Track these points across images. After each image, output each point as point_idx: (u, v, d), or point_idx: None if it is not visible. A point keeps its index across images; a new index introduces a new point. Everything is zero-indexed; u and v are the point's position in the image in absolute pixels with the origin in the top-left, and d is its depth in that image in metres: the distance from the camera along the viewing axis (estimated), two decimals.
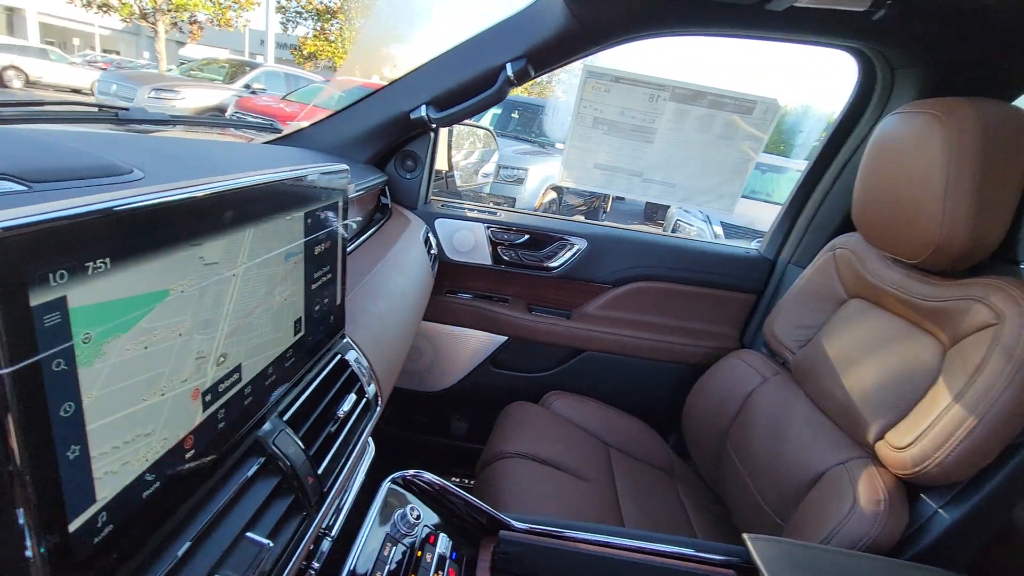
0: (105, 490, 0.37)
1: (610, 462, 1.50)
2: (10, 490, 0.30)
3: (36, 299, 0.29)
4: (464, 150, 2.23)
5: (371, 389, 0.84)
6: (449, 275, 1.80)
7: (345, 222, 0.75)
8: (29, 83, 12.17)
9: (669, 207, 6.85)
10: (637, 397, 1.86)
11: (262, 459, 0.57)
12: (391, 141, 1.60)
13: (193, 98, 8.74)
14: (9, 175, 0.56)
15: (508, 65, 1.34)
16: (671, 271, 1.76)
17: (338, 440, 0.71)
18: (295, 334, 0.65)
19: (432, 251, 1.64)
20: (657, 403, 1.87)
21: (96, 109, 1.17)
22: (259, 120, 1.83)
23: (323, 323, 0.73)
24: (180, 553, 0.44)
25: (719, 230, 5.61)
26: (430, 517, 0.94)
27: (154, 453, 0.41)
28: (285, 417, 0.63)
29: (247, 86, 10.34)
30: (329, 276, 0.73)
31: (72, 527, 0.34)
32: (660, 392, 1.86)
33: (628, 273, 1.77)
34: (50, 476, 0.32)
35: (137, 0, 12.36)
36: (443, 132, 1.79)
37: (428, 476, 0.93)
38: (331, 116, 1.60)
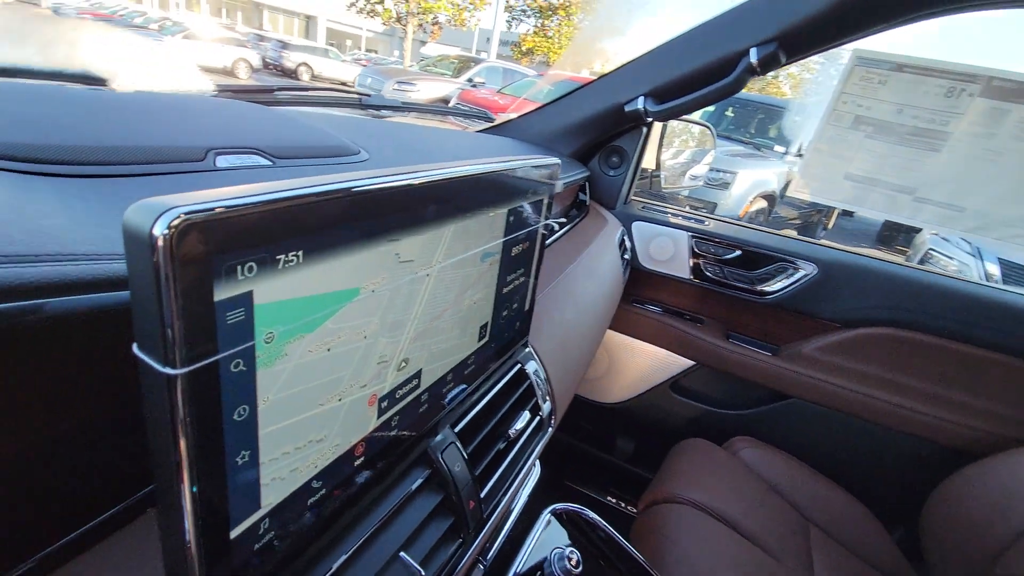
0: (271, 496, 0.34)
1: (808, 542, 1.21)
2: (176, 491, 0.27)
3: (221, 294, 0.26)
4: (674, 148, 2.03)
5: (546, 406, 0.76)
6: (639, 284, 1.65)
7: (547, 221, 0.68)
8: (313, 77, 15.22)
9: (920, 230, 5.52)
10: (854, 467, 1.48)
11: (428, 471, 0.52)
12: (599, 135, 1.51)
13: (426, 90, 9.94)
14: (259, 150, 0.59)
15: (753, 51, 1.12)
16: (936, 320, 1.34)
17: (506, 461, 0.64)
18: (479, 340, 0.59)
19: (626, 256, 1.52)
20: (884, 482, 1.47)
21: (344, 95, 1.31)
22: (475, 110, 1.90)
23: (508, 330, 0.67)
24: (335, 566, 0.41)
25: (994, 269, 4.32)
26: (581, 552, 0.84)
27: (324, 459, 0.38)
28: (457, 428, 0.58)
29: (470, 80, 11.37)
30: (522, 279, 0.66)
31: (234, 533, 0.31)
32: (891, 469, 1.46)
33: (869, 313, 1.40)
34: (216, 481, 0.29)
35: (395, 5, 14.53)
36: (655, 128, 1.63)
37: (591, 516, 0.82)
38: (541, 107, 1.57)
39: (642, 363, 1.71)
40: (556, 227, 0.70)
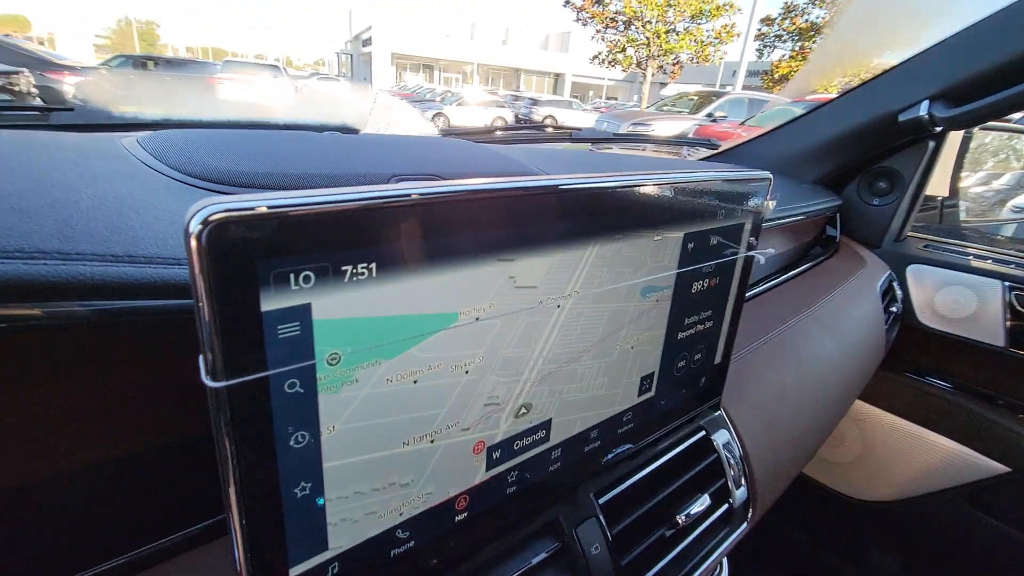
0: (341, 539, 0.30)
1: None
2: (229, 515, 0.25)
3: (270, 304, 0.23)
4: (984, 169, 1.50)
5: (740, 493, 0.58)
6: (915, 347, 1.23)
7: (751, 253, 0.53)
8: (556, 127, 16.64)
9: None
10: None
11: (555, 545, 0.43)
12: (859, 155, 1.21)
13: (661, 128, 9.84)
14: (437, 175, 0.61)
15: None
16: None
17: (671, 555, 0.50)
18: (640, 394, 0.48)
19: (893, 308, 1.15)
20: None
21: (557, 131, 1.34)
22: (699, 139, 1.74)
23: (687, 386, 0.53)
24: None
25: None
26: None
27: (411, 508, 0.33)
28: (602, 499, 0.47)
29: (709, 115, 10.86)
30: (708, 325, 0.52)
31: (294, 572, 0.29)
32: None
33: None
34: (270, 510, 0.26)
35: (635, 51, 14.95)
36: (951, 141, 1.22)
37: None
38: (776, 128, 1.34)
39: (919, 456, 1.26)
40: (762, 260, 0.54)
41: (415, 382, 0.30)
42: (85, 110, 0.94)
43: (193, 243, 0.20)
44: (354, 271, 0.25)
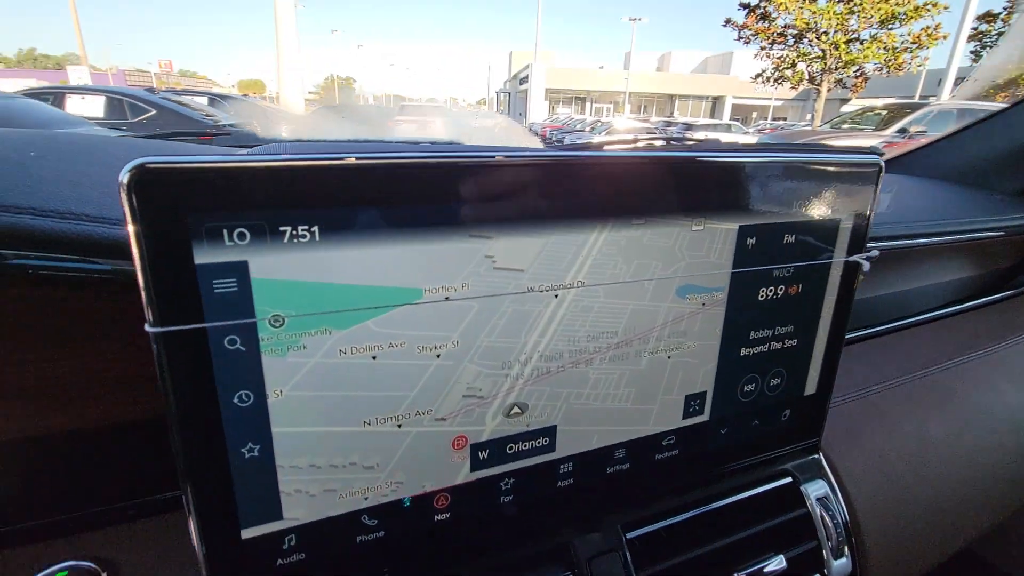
0: (296, 511, 0.30)
1: None
2: (178, 466, 0.26)
3: (203, 258, 0.24)
4: None
5: (839, 566, 0.46)
6: None
7: (853, 258, 0.42)
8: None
9: None
10: None
11: (566, 575, 0.38)
12: None
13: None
14: None
15: None
16: None
17: None
18: (687, 416, 0.41)
19: None
20: None
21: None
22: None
23: (762, 417, 0.44)
24: None
25: None
26: None
27: (379, 495, 0.32)
28: (631, 534, 0.40)
29: (902, 130, 9.30)
30: (792, 344, 0.43)
31: (245, 534, 0.29)
32: None
33: None
34: (217, 466, 0.27)
35: (807, 65, 13.47)
36: None
37: None
38: (965, 128, 1.09)
39: None
40: (865, 265, 0.43)
41: (374, 358, 0.29)
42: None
43: (123, 193, 0.22)
44: (294, 233, 0.25)
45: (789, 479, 0.47)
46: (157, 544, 0.35)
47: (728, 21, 14.00)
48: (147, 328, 0.24)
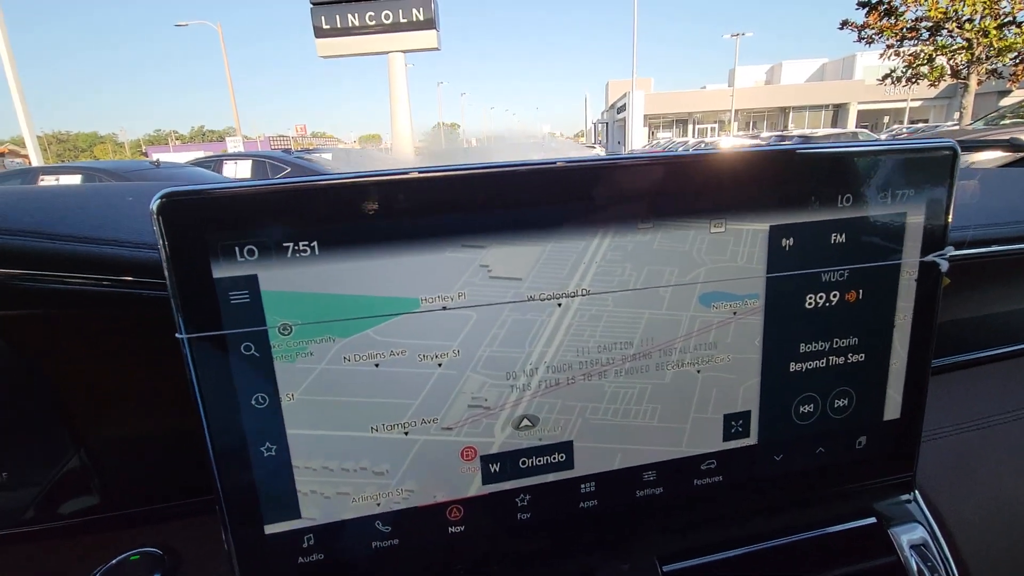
0: (313, 511, 0.32)
1: None
2: (210, 465, 0.30)
3: (220, 272, 0.27)
4: None
5: None
6: None
7: (928, 258, 0.36)
8: None
9: None
10: None
11: None
12: None
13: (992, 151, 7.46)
14: None
15: None
16: None
17: None
18: (728, 438, 0.37)
19: None
20: None
21: None
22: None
23: (827, 443, 0.38)
24: None
25: None
26: None
27: (391, 501, 0.33)
28: (669, 567, 0.37)
29: None
30: (857, 358, 0.37)
31: (268, 530, 0.31)
32: None
33: None
34: (240, 461, 0.30)
35: (948, 59, 11.79)
36: None
37: None
38: None
39: None
40: (943, 266, 0.36)
41: (376, 365, 0.30)
42: None
43: (155, 218, 0.26)
44: (296, 248, 0.28)
45: (872, 519, 0.40)
46: (215, 538, 0.39)
47: (845, 23, 12.80)
48: (177, 335, 0.28)
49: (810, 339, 0.36)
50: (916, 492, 0.42)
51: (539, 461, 0.34)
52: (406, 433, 0.32)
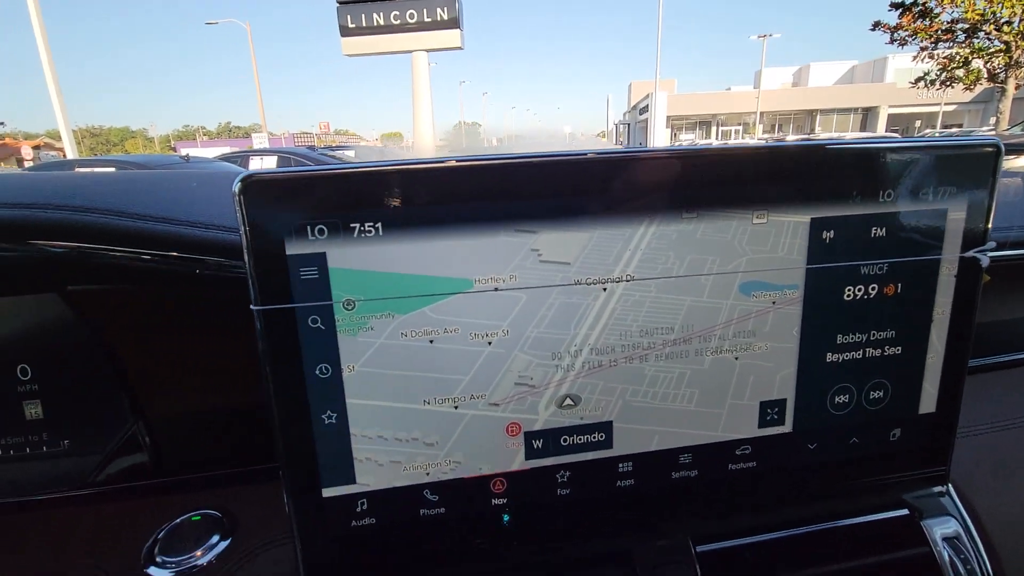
0: (367, 477, 0.34)
1: None
2: (275, 430, 0.32)
3: (292, 249, 0.29)
4: None
5: None
6: None
7: (969, 253, 0.37)
8: None
9: None
10: None
11: None
12: None
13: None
14: None
15: None
16: None
17: None
18: (764, 425, 0.38)
19: None
20: None
21: None
22: None
23: (862, 433, 0.39)
24: None
25: None
26: None
27: (439, 471, 0.34)
28: (702, 548, 0.38)
29: None
30: (895, 351, 0.38)
31: (326, 493, 0.33)
32: None
33: None
34: (303, 427, 0.32)
35: (986, 61, 11.42)
36: None
37: None
38: None
39: None
40: (984, 261, 0.37)
41: (431, 342, 0.32)
42: None
43: (236, 198, 0.28)
44: (362, 229, 0.30)
45: (906, 511, 0.41)
46: (269, 504, 0.41)
47: (877, 24, 12.46)
48: (251, 307, 0.30)
49: (847, 331, 0.37)
50: (950, 486, 0.42)
51: (580, 439, 0.36)
52: (456, 407, 0.34)
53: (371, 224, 0.30)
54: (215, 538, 0.39)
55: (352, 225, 0.30)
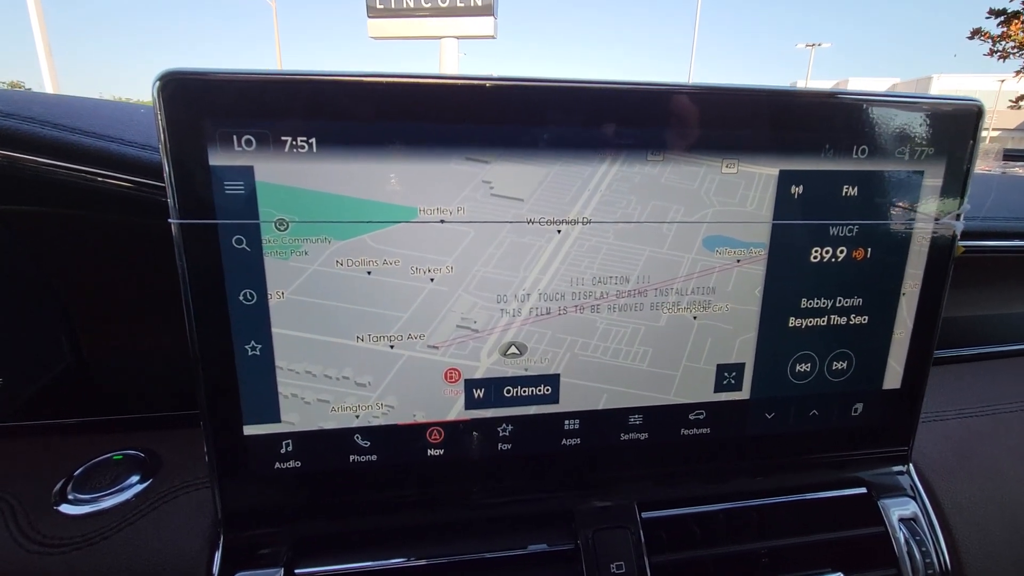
0: (292, 415, 0.32)
1: None
2: (193, 357, 0.30)
3: (217, 160, 0.27)
4: None
5: None
6: None
7: (944, 220, 0.35)
8: None
9: None
10: None
11: (568, 547, 0.35)
12: None
13: None
14: None
15: None
16: None
17: None
18: (719, 390, 0.36)
19: None
20: None
21: None
22: None
23: (821, 407, 0.38)
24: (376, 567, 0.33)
25: None
26: None
27: (370, 415, 0.32)
28: (647, 514, 0.37)
29: None
30: (860, 320, 0.36)
31: (247, 431, 0.31)
32: None
33: None
34: (223, 357, 0.30)
35: None
36: None
37: None
38: None
39: None
40: (957, 227, 0.35)
41: (368, 273, 0.30)
42: None
43: (154, 97, 0.26)
44: (294, 143, 0.28)
45: (863, 489, 0.40)
46: (195, 447, 0.39)
47: (976, 32, 10.82)
48: (169, 220, 0.28)
49: (812, 295, 0.35)
50: (911, 467, 0.41)
51: (524, 392, 0.34)
52: (391, 346, 0.32)
53: (304, 138, 0.28)
54: (134, 478, 0.36)
55: (283, 138, 0.27)
